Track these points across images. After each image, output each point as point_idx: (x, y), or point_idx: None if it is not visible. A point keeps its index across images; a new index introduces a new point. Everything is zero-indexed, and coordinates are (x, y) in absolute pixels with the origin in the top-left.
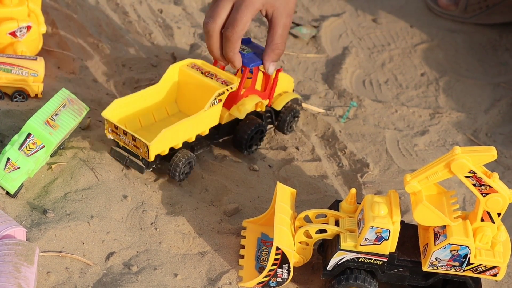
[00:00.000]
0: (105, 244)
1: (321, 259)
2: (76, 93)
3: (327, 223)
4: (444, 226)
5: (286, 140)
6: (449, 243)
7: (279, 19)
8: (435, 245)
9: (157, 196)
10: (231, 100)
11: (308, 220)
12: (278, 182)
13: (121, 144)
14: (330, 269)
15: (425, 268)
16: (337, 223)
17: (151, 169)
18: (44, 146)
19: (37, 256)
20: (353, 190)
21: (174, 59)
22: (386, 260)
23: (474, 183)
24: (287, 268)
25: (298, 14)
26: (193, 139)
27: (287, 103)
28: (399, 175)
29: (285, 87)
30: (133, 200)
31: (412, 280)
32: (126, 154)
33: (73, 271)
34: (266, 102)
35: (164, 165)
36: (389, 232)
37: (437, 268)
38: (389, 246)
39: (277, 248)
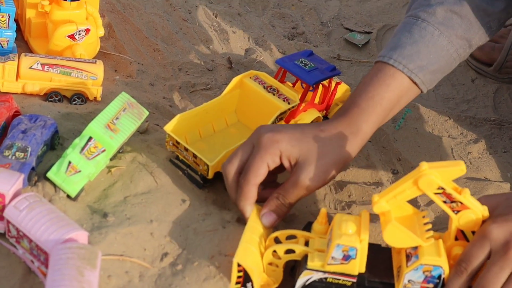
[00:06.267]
0: (164, 248)
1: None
2: (133, 97)
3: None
4: (416, 247)
5: None
6: (421, 264)
7: (303, 169)
8: (407, 266)
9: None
10: (289, 114)
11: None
12: (256, 205)
13: (181, 157)
14: None
15: None
16: (307, 244)
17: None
18: (105, 150)
19: (99, 260)
20: (324, 210)
21: (230, 63)
22: (355, 280)
23: (445, 200)
24: (250, 286)
25: (352, 20)
26: None
27: None
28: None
29: (342, 96)
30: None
31: None
32: (185, 167)
33: (133, 275)
34: (323, 114)
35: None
36: (356, 250)
37: None
38: (358, 265)
39: (239, 265)
